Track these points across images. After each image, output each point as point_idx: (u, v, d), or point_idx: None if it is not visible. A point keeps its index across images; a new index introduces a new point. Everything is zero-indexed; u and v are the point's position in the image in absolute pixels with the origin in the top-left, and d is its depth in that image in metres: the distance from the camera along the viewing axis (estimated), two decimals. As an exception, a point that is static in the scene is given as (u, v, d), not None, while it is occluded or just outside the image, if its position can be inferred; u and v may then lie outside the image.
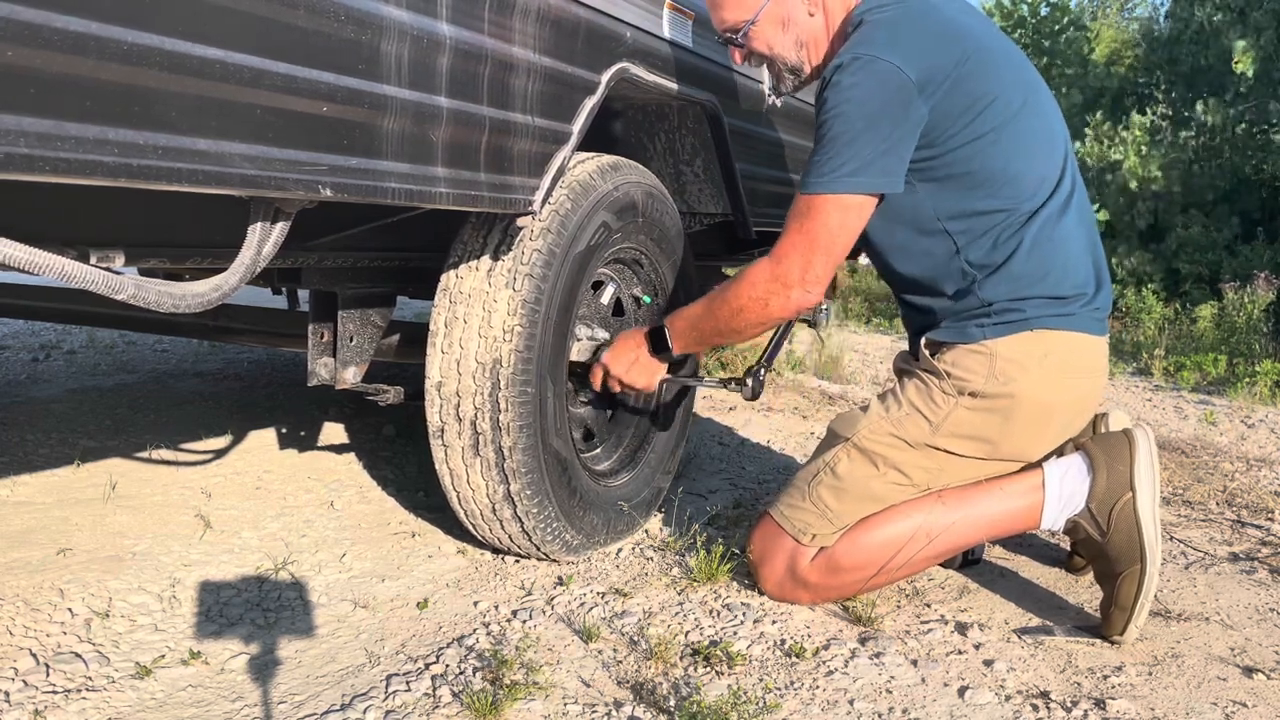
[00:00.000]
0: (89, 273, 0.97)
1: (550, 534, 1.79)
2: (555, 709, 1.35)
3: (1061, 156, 1.68)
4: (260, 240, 1.14)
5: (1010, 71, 1.65)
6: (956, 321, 1.65)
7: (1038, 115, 1.66)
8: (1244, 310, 5.33)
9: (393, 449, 2.66)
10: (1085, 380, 1.66)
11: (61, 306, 2.46)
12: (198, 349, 4.14)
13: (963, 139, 1.58)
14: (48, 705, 1.34)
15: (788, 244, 1.62)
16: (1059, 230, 1.62)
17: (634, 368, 1.84)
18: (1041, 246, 1.61)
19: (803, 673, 1.46)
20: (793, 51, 1.78)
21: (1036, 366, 1.59)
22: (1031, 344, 1.60)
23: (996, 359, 1.60)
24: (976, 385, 1.60)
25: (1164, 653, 1.57)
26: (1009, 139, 1.60)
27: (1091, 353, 1.66)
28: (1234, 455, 3.06)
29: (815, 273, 1.60)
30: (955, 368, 1.62)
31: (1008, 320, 1.60)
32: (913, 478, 1.65)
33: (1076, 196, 1.69)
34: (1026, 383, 1.59)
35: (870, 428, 1.66)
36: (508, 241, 1.65)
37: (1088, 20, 10.23)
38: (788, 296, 1.63)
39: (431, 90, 1.27)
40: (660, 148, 2.33)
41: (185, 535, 1.96)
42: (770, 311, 1.66)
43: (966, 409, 1.61)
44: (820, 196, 1.57)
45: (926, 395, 1.64)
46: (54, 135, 0.83)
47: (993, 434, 1.62)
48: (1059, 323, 1.61)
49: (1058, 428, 1.66)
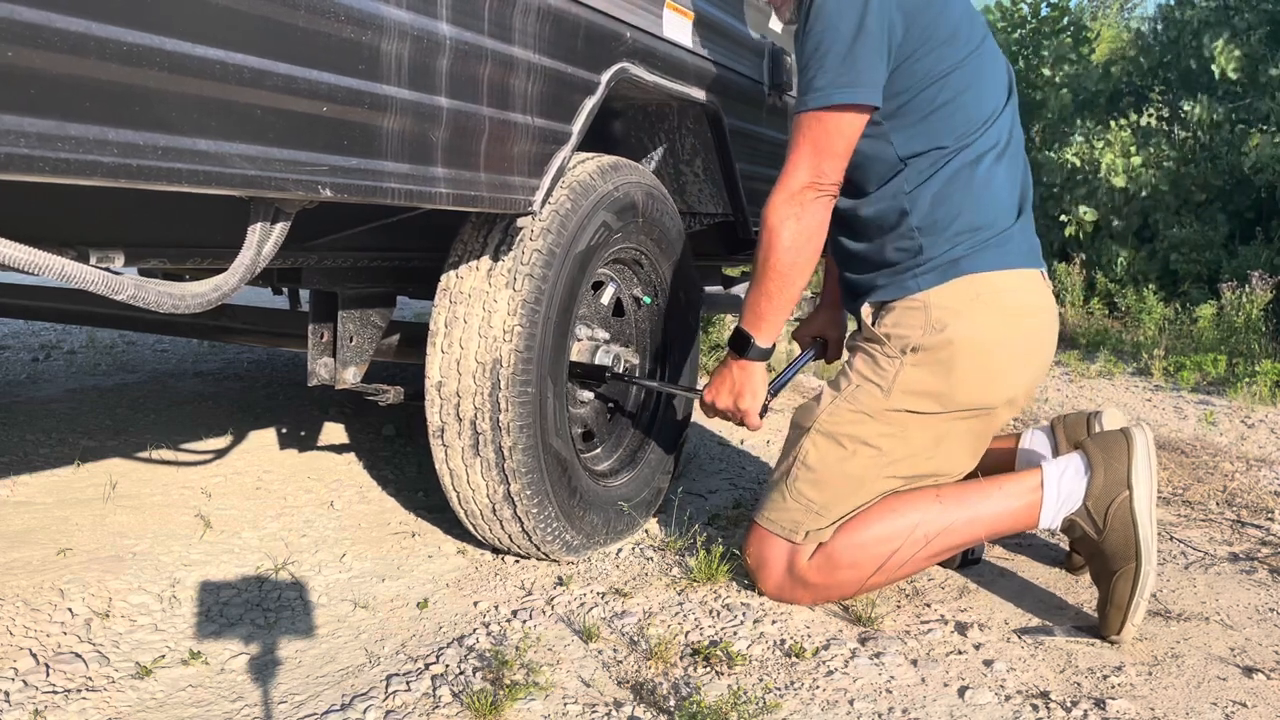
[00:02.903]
0: (88, 273, 0.97)
1: (550, 534, 1.79)
2: (555, 709, 1.35)
3: (1003, 98, 1.72)
4: (260, 240, 1.14)
5: (967, 13, 1.70)
6: (892, 277, 1.68)
7: (990, 58, 1.71)
8: (1243, 310, 5.33)
9: (393, 449, 2.67)
10: (1026, 318, 1.68)
11: (61, 306, 2.46)
12: (198, 349, 4.14)
13: (924, 67, 1.62)
14: (48, 705, 1.34)
15: (795, 160, 1.63)
16: (986, 167, 1.66)
17: (742, 390, 1.77)
18: (966, 177, 1.65)
19: (803, 673, 1.47)
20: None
21: (968, 309, 1.62)
22: (962, 288, 1.63)
23: (930, 309, 1.63)
24: (916, 339, 1.63)
25: (1164, 653, 1.57)
26: (966, 74, 1.64)
27: (1026, 288, 1.68)
28: (1234, 455, 3.06)
29: (827, 172, 1.62)
30: (895, 328, 1.66)
31: (938, 268, 1.64)
32: (882, 448, 1.65)
33: (1014, 139, 1.73)
34: (960, 327, 1.62)
35: (828, 411, 1.68)
36: (508, 241, 1.65)
37: (1088, 20, 10.23)
38: (810, 199, 1.63)
39: (431, 90, 1.27)
40: (660, 148, 2.33)
41: (185, 535, 1.97)
42: (807, 223, 1.63)
43: (911, 366, 1.64)
44: (822, 111, 1.59)
45: (873, 363, 1.67)
46: (54, 135, 0.83)
47: (941, 385, 1.64)
48: (987, 263, 1.64)
49: (1005, 368, 1.67)
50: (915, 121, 1.65)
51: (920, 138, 1.65)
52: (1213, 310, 5.60)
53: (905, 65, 1.62)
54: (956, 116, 1.65)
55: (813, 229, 1.65)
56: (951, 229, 1.64)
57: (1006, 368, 1.67)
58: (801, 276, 1.68)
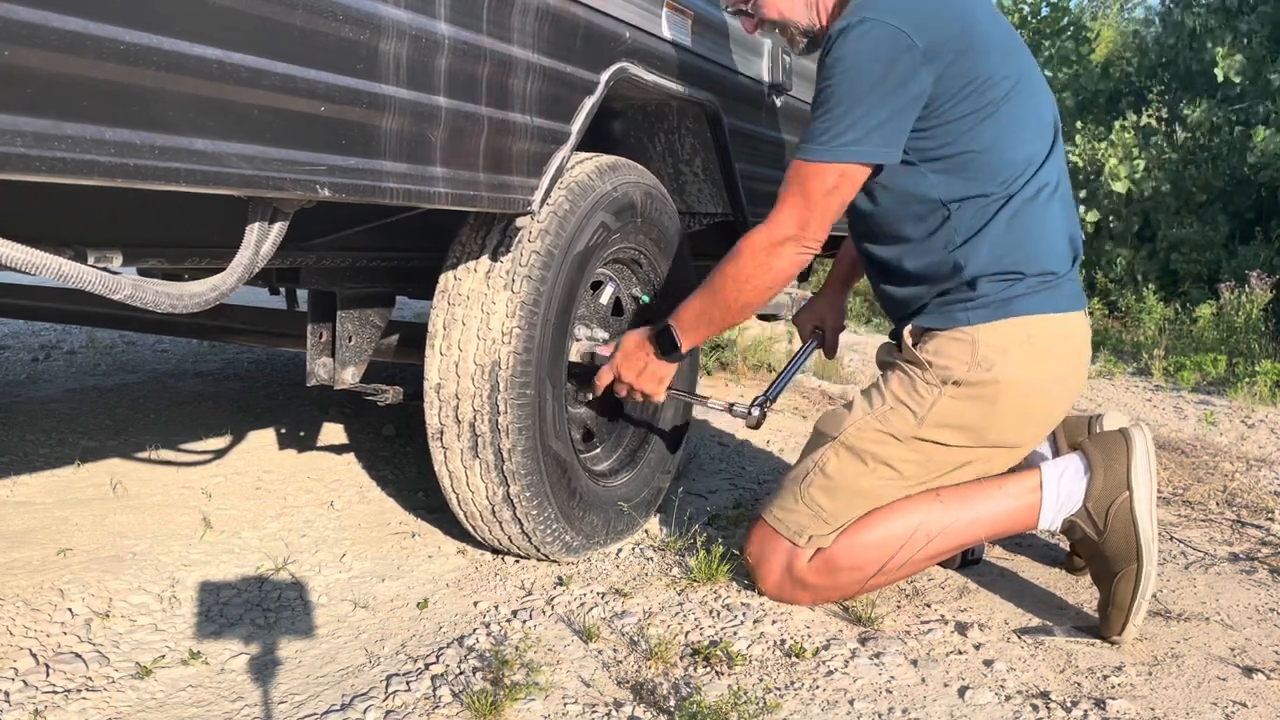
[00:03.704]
0: (86, 273, 0.97)
1: (550, 535, 1.78)
2: (555, 709, 1.35)
3: (1049, 141, 1.68)
4: (258, 240, 1.14)
5: (1005, 52, 1.64)
6: (942, 305, 1.65)
7: (1029, 97, 1.65)
8: (1243, 310, 5.33)
9: (392, 449, 2.66)
10: (1068, 363, 1.66)
11: (61, 306, 2.46)
12: (198, 349, 4.14)
13: (956, 114, 1.57)
14: (48, 705, 1.33)
15: (784, 207, 1.62)
16: (1039, 209, 1.63)
17: (644, 374, 1.82)
18: (1021, 222, 1.61)
19: (803, 673, 1.46)
20: (804, 14, 1.77)
21: (1018, 351, 1.59)
22: (1013, 329, 1.60)
23: (978, 345, 1.59)
24: (959, 374, 1.60)
25: (1164, 653, 1.57)
26: (1000, 119, 1.60)
27: (1073, 333, 1.66)
28: (1234, 455, 3.06)
29: (812, 229, 1.61)
30: (938, 356, 1.62)
31: (990, 305, 1.60)
32: (903, 472, 1.64)
33: (1062, 180, 1.69)
34: (1009, 368, 1.59)
35: (856, 425, 1.66)
36: (506, 242, 1.65)
37: (1088, 20, 10.23)
38: (788, 253, 1.63)
39: (430, 90, 1.27)
40: (660, 148, 2.33)
41: (185, 535, 1.96)
42: (775, 272, 1.65)
43: (951, 398, 1.61)
44: (819, 164, 1.57)
45: (910, 387, 1.64)
46: (51, 135, 0.83)
47: (978, 422, 1.62)
48: (1039, 305, 1.61)
49: (1043, 412, 1.66)
50: (957, 168, 1.60)
51: (963, 182, 1.60)
52: (1212, 310, 5.60)
53: (939, 111, 1.56)
54: (999, 160, 1.60)
55: (779, 282, 1.68)
56: (1008, 270, 1.61)
57: (1045, 411, 1.66)
58: (747, 315, 1.75)
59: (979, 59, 1.58)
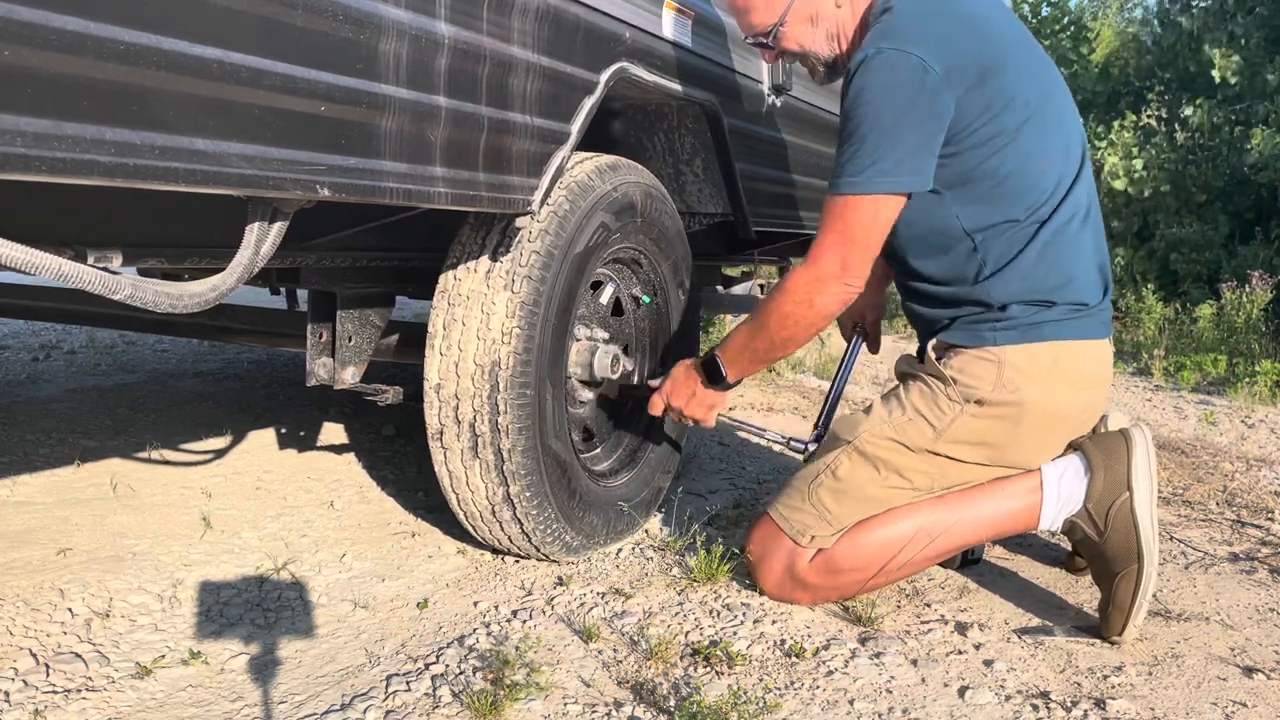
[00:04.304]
0: (86, 273, 0.97)
1: (550, 535, 1.78)
2: (555, 709, 1.35)
3: (1077, 162, 1.66)
4: (258, 240, 1.14)
5: (1028, 73, 1.62)
6: (969, 324, 1.64)
7: (1055, 118, 1.63)
8: (1243, 310, 5.33)
9: (392, 449, 2.66)
10: (1091, 389, 1.66)
11: (61, 306, 2.46)
12: (198, 349, 4.14)
13: (978, 139, 1.55)
14: (48, 705, 1.33)
15: (824, 244, 1.60)
16: (1070, 238, 1.61)
17: (693, 402, 1.84)
18: (1053, 252, 1.59)
19: (803, 673, 1.46)
20: (825, 45, 1.76)
21: (1044, 375, 1.59)
22: (1041, 353, 1.59)
23: (1004, 367, 1.59)
24: (983, 393, 1.59)
25: (1164, 653, 1.57)
26: (1025, 142, 1.57)
27: (1098, 360, 1.66)
28: (1234, 455, 3.06)
29: (854, 267, 1.59)
30: (962, 374, 1.61)
31: (1019, 327, 1.59)
32: (914, 482, 1.64)
33: (1092, 206, 1.68)
34: (1034, 391, 1.58)
35: (872, 431, 1.66)
36: (506, 242, 1.65)
37: (1088, 20, 10.23)
38: (831, 292, 1.61)
39: (430, 90, 1.27)
40: (660, 148, 2.33)
41: (185, 535, 1.96)
42: (817, 310, 1.64)
43: (972, 416, 1.61)
44: (854, 197, 1.55)
45: (931, 400, 1.63)
46: (51, 135, 0.83)
47: (998, 441, 1.62)
48: (1069, 331, 1.60)
49: (1062, 436, 1.66)
50: (983, 194, 1.58)
51: (988, 209, 1.59)
52: (1212, 310, 5.59)
53: (962, 136, 1.55)
54: (1025, 184, 1.58)
55: (822, 319, 1.66)
56: (1038, 295, 1.60)
57: (1064, 436, 1.66)
58: (791, 350, 1.74)
59: (1000, 81, 1.56)
